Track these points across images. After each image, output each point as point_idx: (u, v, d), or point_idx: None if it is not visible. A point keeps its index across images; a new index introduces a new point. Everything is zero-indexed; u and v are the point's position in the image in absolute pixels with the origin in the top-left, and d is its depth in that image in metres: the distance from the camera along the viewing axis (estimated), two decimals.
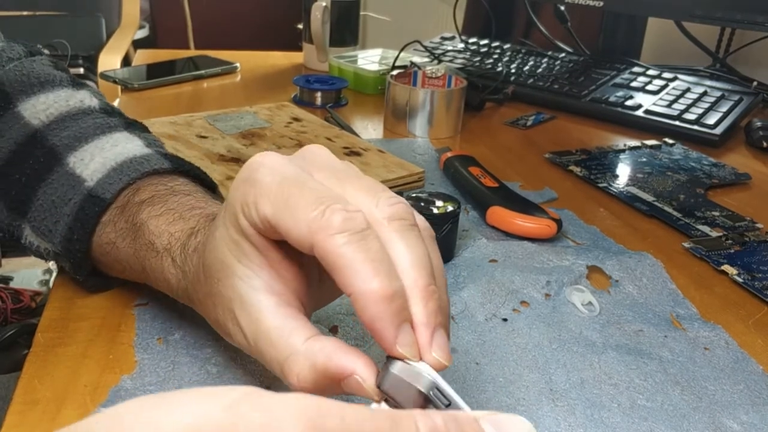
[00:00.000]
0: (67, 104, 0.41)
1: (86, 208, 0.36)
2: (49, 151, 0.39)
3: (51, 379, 0.33)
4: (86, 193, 0.37)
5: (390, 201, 0.25)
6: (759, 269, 0.48)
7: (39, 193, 0.38)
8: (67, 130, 0.40)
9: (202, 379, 0.34)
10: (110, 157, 0.38)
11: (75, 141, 0.39)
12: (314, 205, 0.23)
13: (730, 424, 0.34)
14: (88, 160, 0.38)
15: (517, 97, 0.88)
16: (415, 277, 0.24)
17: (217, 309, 0.28)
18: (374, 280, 0.22)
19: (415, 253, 0.24)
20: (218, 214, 0.28)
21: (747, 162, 0.72)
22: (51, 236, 0.37)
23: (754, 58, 0.99)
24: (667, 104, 0.81)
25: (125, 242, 0.35)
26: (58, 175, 0.38)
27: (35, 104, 0.40)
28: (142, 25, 2.25)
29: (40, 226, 0.38)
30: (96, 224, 0.36)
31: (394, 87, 0.74)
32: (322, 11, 0.91)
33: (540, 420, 0.33)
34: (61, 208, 0.37)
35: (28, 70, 0.42)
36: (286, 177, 0.25)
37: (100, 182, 0.37)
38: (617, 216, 0.56)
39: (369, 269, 0.23)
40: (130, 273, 0.37)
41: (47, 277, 1.41)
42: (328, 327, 0.38)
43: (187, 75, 0.90)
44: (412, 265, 0.24)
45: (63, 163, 0.38)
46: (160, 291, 0.36)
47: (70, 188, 0.37)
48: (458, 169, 0.59)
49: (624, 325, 0.41)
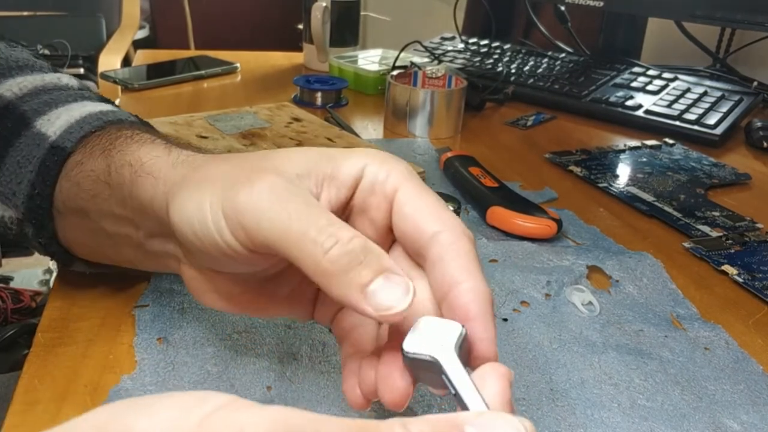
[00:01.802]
0: (43, 80, 0.40)
1: (47, 160, 0.35)
2: (18, 118, 0.37)
3: (51, 379, 0.33)
4: (48, 146, 0.35)
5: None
6: (759, 269, 0.48)
7: (7, 158, 0.36)
8: (38, 99, 0.39)
9: (202, 379, 0.34)
10: (75, 115, 0.37)
11: (45, 106, 0.38)
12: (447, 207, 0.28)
13: (731, 424, 0.34)
14: (54, 119, 0.37)
15: (518, 97, 0.88)
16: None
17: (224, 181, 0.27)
18: (487, 285, 0.26)
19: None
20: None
21: (747, 162, 0.72)
22: (15, 199, 0.36)
23: (754, 58, 0.99)
24: (667, 104, 0.81)
25: (91, 181, 0.34)
26: (25, 138, 0.36)
27: (11, 84, 0.39)
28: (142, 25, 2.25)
29: (5, 190, 0.36)
30: (57, 175, 0.35)
31: (394, 87, 0.74)
32: (323, 11, 0.91)
33: (540, 420, 0.33)
34: (24, 167, 0.36)
35: (6, 55, 0.41)
36: (423, 183, 0.29)
37: (62, 135, 0.36)
38: (617, 216, 0.56)
39: (481, 272, 0.27)
40: (94, 222, 0.35)
41: (47, 277, 1.41)
42: (329, 327, 0.38)
43: (187, 75, 0.90)
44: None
45: (30, 126, 0.37)
46: (135, 269, 0.36)
47: (35, 147, 0.36)
48: (458, 169, 0.59)
49: (624, 325, 0.41)
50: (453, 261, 0.26)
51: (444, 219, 0.27)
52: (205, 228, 0.27)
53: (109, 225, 0.34)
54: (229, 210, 0.26)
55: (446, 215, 0.27)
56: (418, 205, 0.27)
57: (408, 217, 0.27)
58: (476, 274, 0.26)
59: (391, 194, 0.28)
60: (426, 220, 0.27)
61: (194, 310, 0.39)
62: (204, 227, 0.27)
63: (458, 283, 0.26)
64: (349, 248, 0.24)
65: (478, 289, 0.26)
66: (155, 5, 2.70)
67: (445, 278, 0.26)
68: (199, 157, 0.31)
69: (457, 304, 0.26)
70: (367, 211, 0.29)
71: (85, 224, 0.35)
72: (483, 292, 0.26)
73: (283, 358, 0.36)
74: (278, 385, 0.34)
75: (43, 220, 0.36)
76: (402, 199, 0.28)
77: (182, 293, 0.40)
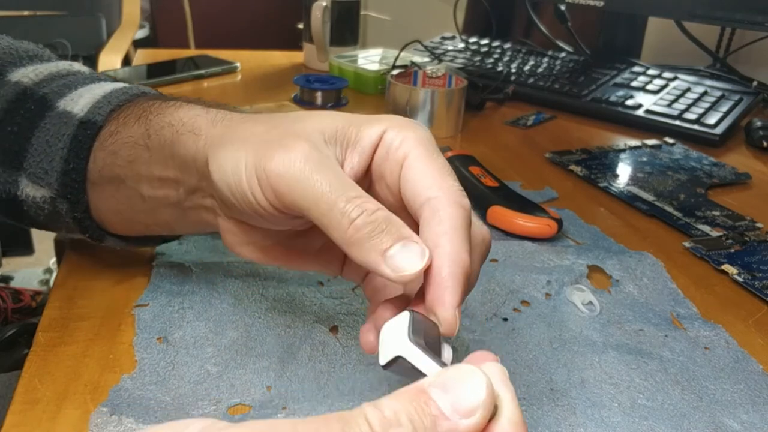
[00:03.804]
0: (57, 66, 0.41)
1: (79, 135, 0.36)
2: (39, 100, 0.38)
3: (51, 378, 0.33)
4: (77, 123, 0.37)
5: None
6: (759, 269, 0.48)
7: (33, 139, 0.37)
8: (56, 83, 0.40)
9: (201, 379, 0.34)
10: (99, 93, 0.38)
11: (65, 89, 0.39)
12: (453, 176, 0.28)
13: (731, 423, 0.34)
14: (77, 99, 0.38)
15: (518, 97, 0.88)
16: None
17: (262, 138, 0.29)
18: (469, 256, 0.27)
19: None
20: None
21: (747, 162, 0.72)
22: (47, 177, 0.37)
23: (754, 57, 0.99)
24: (667, 104, 0.81)
25: (129, 147, 0.35)
26: (50, 118, 0.37)
27: (26, 71, 0.40)
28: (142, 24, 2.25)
29: (36, 170, 0.37)
30: (90, 147, 0.36)
31: (394, 87, 0.74)
32: (323, 11, 0.91)
33: (540, 419, 0.33)
34: (54, 145, 0.37)
35: (15, 46, 0.42)
36: (436, 149, 0.30)
37: (90, 110, 0.37)
38: (618, 215, 0.56)
39: (469, 246, 0.27)
40: (131, 188, 0.36)
41: (47, 276, 1.41)
42: (329, 327, 0.38)
43: (187, 75, 0.90)
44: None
45: (54, 107, 0.38)
46: (170, 233, 0.38)
47: (63, 125, 0.37)
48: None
49: (624, 325, 0.41)
50: (436, 226, 0.27)
51: (441, 186, 0.27)
52: (240, 187, 0.28)
53: (146, 188, 0.35)
54: (262, 173, 0.27)
55: (445, 182, 0.28)
56: (420, 171, 0.28)
57: (408, 182, 0.28)
58: (455, 240, 0.26)
59: (402, 160, 0.29)
60: (423, 185, 0.28)
61: (194, 310, 0.39)
62: (239, 186, 0.28)
63: (435, 247, 0.26)
64: (372, 218, 0.26)
65: (452, 255, 0.26)
66: (155, 5, 2.69)
67: (426, 243, 0.26)
68: (236, 116, 0.32)
69: (429, 269, 0.26)
70: (383, 176, 0.30)
71: (120, 192, 0.36)
72: (457, 259, 0.26)
73: (283, 358, 0.36)
74: (278, 385, 0.34)
75: (78, 194, 0.37)
76: (407, 165, 0.28)
77: (182, 293, 0.40)
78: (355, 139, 0.29)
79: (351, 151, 0.29)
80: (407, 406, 0.19)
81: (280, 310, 0.40)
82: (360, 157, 0.29)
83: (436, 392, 0.20)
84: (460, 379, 0.20)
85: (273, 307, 0.40)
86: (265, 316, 0.39)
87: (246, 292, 0.41)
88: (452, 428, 0.19)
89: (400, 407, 0.19)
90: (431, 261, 0.26)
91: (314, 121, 0.29)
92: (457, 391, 0.20)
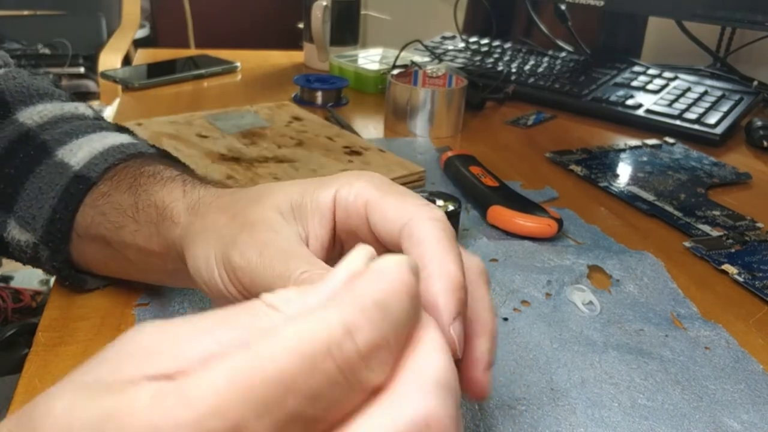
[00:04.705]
0: (62, 109, 0.42)
1: (71, 187, 0.37)
2: (39, 146, 0.39)
3: (51, 378, 0.33)
4: (72, 175, 0.37)
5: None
6: (759, 268, 0.48)
7: (26, 184, 0.38)
8: (59, 128, 0.40)
9: None
10: (97, 147, 0.38)
11: (66, 137, 0.39)
12: (419, 198, 0.28)
13: (731, 423, 0.34)
14: (76, 150, 0.38)
15: (518, 97, 0.88)
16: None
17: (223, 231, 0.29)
18: (460, 269, 0.25)
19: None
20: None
21: (747, 161, 0.72)
22: (34, 223, 0.37)
23: (754, 57, 0.99)
24: (667, 103, 0.81)
25: (118, 214, 0.35)
26: (47, 166, 0.38)
27: (32, 112, 0.41)
28: (142, 24, 2.25)
29: (25, 214, 0.37)
30: (80, 202, 0.36)
31: (394, 86, 0.74)
32: (323, 10, 0.91)
33: (540, 419, 0.33)
34: (47, 193, 0.37)
35: (28, 83, 0.42)
36: (392, 184, 0.30)
37: (86, 165, 0.37)
38: (618, 215, 0.56)
39: (458, 259, 0.25)
40: (117, 251, 0.36)
41: (48, 276, 1.41)
42: None
43: (187, 74, 0.90)
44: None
45: (52, 155, 0.38)
46: (159, 285, 0.36)
47: (57, 175, 0.37)
48: (459, 168, 0.59)
49: (625, 325, 0.41)
50: (416, 247, 0.26)
51: (407, 210, 0.27)
52: (214, 283, 0.29)
53: (133, 255, 0.35)
54: (229, 268, 0.28)
55: (410, 205, 0.27)
56: (383, 208, 0.27)
57: (377, 224, 0.27)
58: (439, 258, 0.25)
59: (363, 211, 0.28)
60: (391, 219, 0.27)
61: (194, 310, 0.39)
62: (213, 282, 0.29)
63: (421, 269, 0.25)
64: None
65: (440, 271, 0.24)
66: (155, 5, 2.70)
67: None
68: (207, 199, 0.32)
69: (423, 290, 0.25)
70: (356, 233, 0.29)
71: (106, 252, 0.37)
72: (447, 274, 0.25)
73: None
74: None
75: (60, 244, 0.37)
76: (370, 211, 0.28)
77: (182, 292, 0.40)
78: (312, 208, 0.29)
79: (311, 221, 0.29)
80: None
81: None
82: (322, 224, 0.29)
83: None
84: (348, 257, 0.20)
85: None
86: None
87: None
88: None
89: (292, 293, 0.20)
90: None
91: (270, 200, 0.29)
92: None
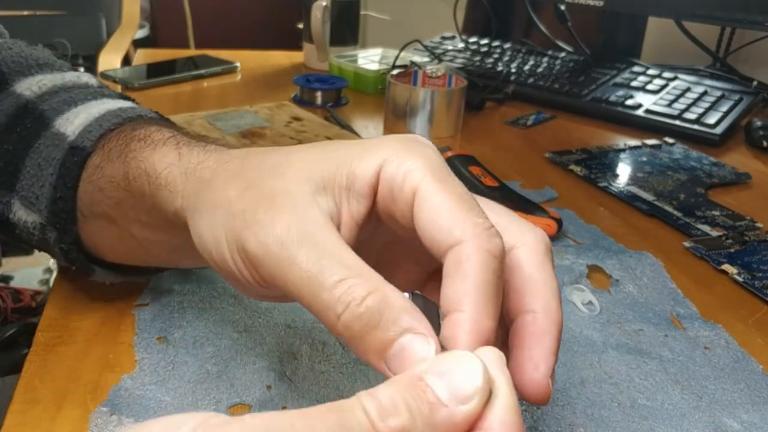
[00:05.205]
0: (63, 78, 0.40)
1: (67, 161, 0.34)
2: (37, 118, 0.37)
3: (51, 378, 0.33)
4: (67, 147, 0.35)
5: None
6: (759, 268, 0.48)
7: (27, 160, 0.36)
8: (57, 98, 0.38)
9: (202, 378, 0.34)
10: (94, 113, 0.36)
11: (64, 105, 0.37)
12: (480, 213, 0.24)
13: (731, 423, 0.34)
14: (73, 118, 0.36)
15: (518, 97, 0.88)
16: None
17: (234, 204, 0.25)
18: (493, 322, 0.23)
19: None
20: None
21: (747, 161, 0.72)
22: (38, 203, 0.35)
23: (754, 57, 0.99)
24: (667, 104, 0.81)
25: (113, 188, 0.33)
26: (44, 139, 0.36)
27: (31, 82, 0.39)
28: (142, 24, 2.25)
29: (28, 194, 0.35)
30: (78, 177, 0.34)
31: (394, 86, 0.74)
32: (323, 11, 0.91)
33: (540, 419, 0.33)
34: (45, 169, 0.35)
35: (27, 54, 0.40)
36: (450, 173, 0.25)
37: (80, 134, 0.35)
38: (617, 215, 0.56)
39: (497, 311, 0.23)
40: (122, 227, 0.34)
41: (47, 276, 1.41)
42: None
43: (187, 74, 0.90)
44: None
45: (49, 126, 0.36)
46: (171, 267, 0.37)
47: (54, 148, 0.35)
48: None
49: (624, 325, 0.41)
50: (459, 283, 0.22)
51: (464, 227, 0.23)
52: (225, 264, 0.26)
53: (137, 231, 0.33)
54: (243, 255, 0.25)
55: (469, 221, 0.23)
56: (436, 211, 0.24)
57: (425, 228, 0.24)
58: (478, 304, 0.22)
59: (410, 199, 0.24)
60: (442, 228, 0.23)
61: (194, 310, 0.39)
62: (224, 264, 0.26)
63: (454, 311, 0.22)
64: (361, 311, 0.22)
65: (474, 321, 0.22)
66: (155, 4, 2.69)
67: (447, 303, 0.23)
68: (209, 164, 0.29)
69: (450, 337, 0.22)
70: (394, 218, 0.25)
71: (112, 229, 0.34)
72: (477, 328, 0.22)
73: (283, 358, 0.36)
74: (278, 385, 0.34)
75: (66, 224, 0.35)
76: (419, 205, 0.24)
77: (182, 292, 0.40)
78: (347, 183, 0.25)
79: (346, 198, 0.25)
80: (404, 393, 0.19)
81: (280, 310, 0.40)
82: (358, 204, 0.25)
83: (432, 378, 0.19)
84: (455, 364, 0.20)
85: (273, 307, 0.40)
86: (265, 316, 0.39)
87: None
88: (449, 415, 0.19)
89: (397, 395, 0.19)
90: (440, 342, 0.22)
91: (296, 170, 0.25)
92: (453, 377, 0.19)
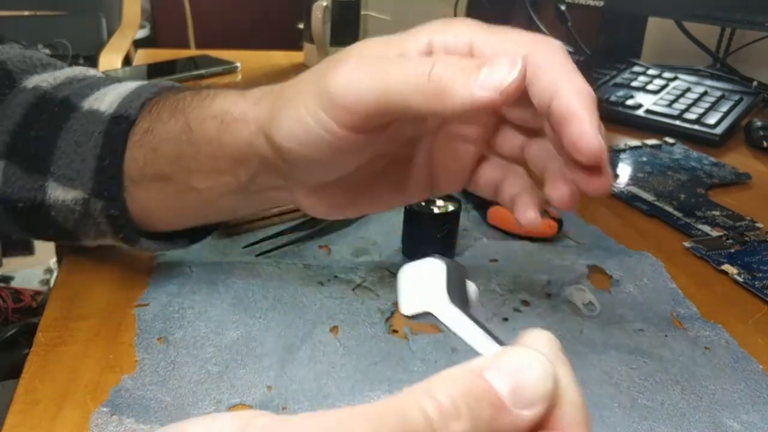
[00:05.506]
0: (73, 71, 0.41)
1: (111, 130, 0.35)
2: (61, 103, 0.37)
3: (51, 378, 0.33)
4: (108, 119, 0.35)
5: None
6: (759, 269, 0.48)
7: (59, 141, 0.36)
8: (76, 85, 0.39)
9: (202, 379, 0.34)
10: (123, 91, 0.37)
11: (87, 89, 0.38)
12: (526, 33, 0.29)
13: (731, 423, 0.34)
14: (102, 97, 0.37)
15: None
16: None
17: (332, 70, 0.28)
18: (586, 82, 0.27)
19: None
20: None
21: (747, 162, 0.72)
22: (80, 177, 0.35)
23: (754, 57, 0.99)
24: (667, 104, 0.81)
25: (170, 144, 0.34)
26: (76, 119, 0.36)
27: (42, 77, 0.39)
28: (142, 24, 2.25)
29: (67, 171, 0.35)
30: (125, 143, 0.35)
31: None
32: (323, 11, 0.91)
33: None
34: (84, 144, 0.35)
35: (29, 55, 0.41)
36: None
37: (120, 105, 0.36)
38: (618, 215, 0.56)
39: (578, 73, 0.28)
40: (179, 183, 0.34)
41: (48, 276, 1.41)
42: (329, 327, 0.38)
43: (187, 75, 0.90)
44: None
45: (78, 107, 0.37)
46: (230, 216, 0.39)
47: (91, 123, 0.36)
48: None
49: (624, 325, 0.41)
50: (547, 73, 0.27)
51: (522, 43, 0.28)
52: (309, 132, 0.28)
53: (200, 182, 0.34)
54: (326, 100, 0.27)
55: (522, 40, 0.28)
56: (492, 47, 0.28)
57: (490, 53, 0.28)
58: (573, 76, 0.27)
59: (468, 53, 0.28)
60: (511, 48, 0.28)
61: (194, 310, 0.39)
62: (309, 134, 0.28)
63: (556, 91, 0.26)
64: (449, 62, 0.25)
65: (577, 88, 0.26)
66: (155, 4, 2.70)
67: (544, 91, 0.27)
68: (275, 87, 0.31)
69: (559, 110, 0.26)
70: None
71: (168, 189, 0.35)
72: (582, 90, 0.26)
73: (283, 358, 0.36)
74: (278, 385, 0.34)
75: (114, 191, 0.35)
76: (477, 52, 0.28)
77: (182, 293, 0.40)
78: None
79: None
80: (465, 393, 0.17)
81: (280, 310, 0.40)
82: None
83: (495, 379, 0.17)
84: (521, 365, 0.17)
85: (273, 307, 0.40)
86: (265, 316, 0.39)
87: (246, 292, 0.41)
88: (513, 420, 0.17)
89: (457, 395, 0.17)
90: (524, 71, 0.25)
91: (359, 45, 0.29)
92: (519, 380, 0.17)
